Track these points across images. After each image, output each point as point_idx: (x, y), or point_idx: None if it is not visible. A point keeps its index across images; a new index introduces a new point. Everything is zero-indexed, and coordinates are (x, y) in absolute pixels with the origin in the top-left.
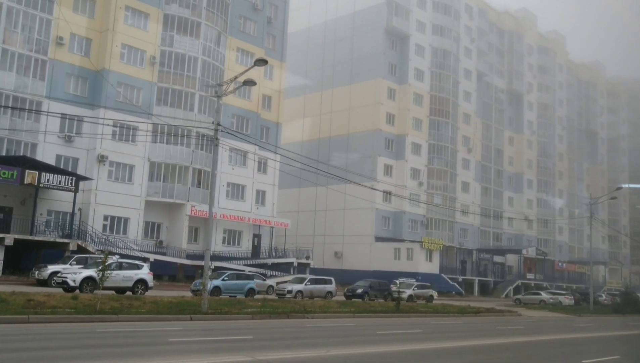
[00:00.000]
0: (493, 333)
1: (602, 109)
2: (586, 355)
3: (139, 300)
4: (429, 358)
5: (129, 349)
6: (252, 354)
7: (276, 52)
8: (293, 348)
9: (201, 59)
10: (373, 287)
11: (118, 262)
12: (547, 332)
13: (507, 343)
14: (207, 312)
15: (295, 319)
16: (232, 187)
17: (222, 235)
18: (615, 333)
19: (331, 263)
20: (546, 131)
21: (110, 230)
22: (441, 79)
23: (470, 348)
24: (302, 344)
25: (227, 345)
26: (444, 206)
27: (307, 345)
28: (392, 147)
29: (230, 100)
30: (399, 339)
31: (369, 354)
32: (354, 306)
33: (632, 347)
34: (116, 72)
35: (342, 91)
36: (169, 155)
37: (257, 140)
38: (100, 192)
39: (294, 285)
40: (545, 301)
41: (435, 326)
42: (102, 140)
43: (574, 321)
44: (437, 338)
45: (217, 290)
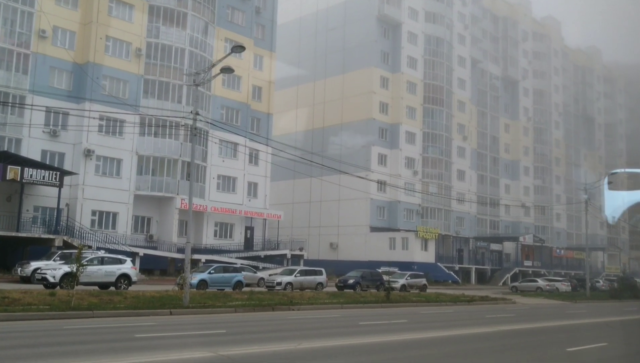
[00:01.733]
0: (481, 322)
1: (598, 94)
2: (573, 343)
3: (120, 295)
4: (402, 350)
5: (87, 347)
6: (216, 349)
7: (265, 42)
8: (263, 342)
9: (188, 50)
10: (365, 277)
11: (99, 257)
12: (538, 319)
13: (492, 332)
14: (188, 306)
15: (281, 311)
16: (223, 179)
17: (213, 228)
18: (608, 319)
19: (327, 254)
20: (542, 117)
21: (99, 225)
22: (435, 67)
23: (452, 338)
24: (275, 337)
25: (195, 340)
26: (440, 194)
27: (280, 339)
28: (386, 136)
29: (219, 91)
30: (380, 330)
31: (340, 347)
32: (343, 297)
33: (622, 333)
34: (101, 65)
35: (335, 81)
36: (157, 148)
37: (248, 131)
38: (87, 187)
39: (283, 277)
40: (541, 289)
41: (423, 316)
42: (88, 134)
43: (568, 308)
44: (421, 328)
45: (203, 283)
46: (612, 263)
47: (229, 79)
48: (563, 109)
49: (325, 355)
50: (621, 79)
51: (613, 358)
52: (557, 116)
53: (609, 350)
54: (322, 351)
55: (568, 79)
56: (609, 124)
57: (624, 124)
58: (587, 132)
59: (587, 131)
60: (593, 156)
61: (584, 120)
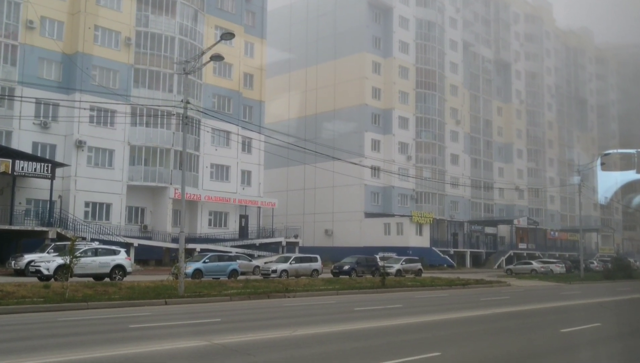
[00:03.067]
0: (476, 305)
1: (590, 76)
2: (567, 324)
3: (115, 286)
4: (397, 334)
5: (81, 338)
6: (210, 338)
7: (256, 29)
8: (258, 330)
9: (178, 38)
10: (360, 263)
11: (93, 248)
12: (532, 301)
13: (487, 314)
14: (184, 296)
15: (276, 299)
16: (216, 168)
17: (207, 217)
18: (602, 300)
19: (322, 241)
20: (535, 99)
21: (92, 216)
22: (426, 51)
23: (447, 322)
24: (270, 325)
25: (190, 329)
26: (434, 179)
27: (276, 326)
28: (379, 122)
29: (210, 79)
30: (375, 315)
31: (335, 332)
32: (338, 283)
33: (616, 313)
34: (90, 55)
35: (327, 67)
36: (149, 138)
37: (240, 119)
38: (80, 178)
39: (279, 265)
40: (536, 271)
41: (418, 300)
42: (79, 125)
43: (562, 289)
44: (416, 312)
45: (198, 272)
46: (605, 244)
47: (220, 67)
48: (555, 91)
49: (320, 341)
50: (613, 60)
51: (607, 339)
52: (550, 98)
53: (603, 330)
54: (317, 337)
55: (560, 60)
56: (602, 105)
57: (616, 105)
58: (579, 114)
59: (579, 112)
60: (586, 137)
61: (577, 102)
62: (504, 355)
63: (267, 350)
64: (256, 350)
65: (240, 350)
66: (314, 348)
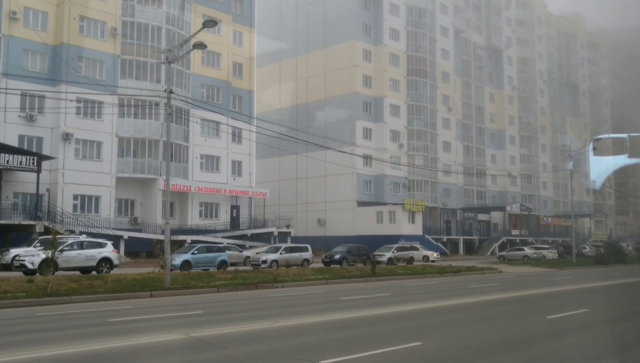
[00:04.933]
0: (465, 292)
1: (582, 61)
2: (554, 310)
3: (101, 279)
4: (380, 324)
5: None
6: (189, 331)
7: (244, 17)
8: (239, 322)
9: (165, 28)
10: (351, 252)
11: (79, 241)
12: (521, 287)
13: (475, 302)
14: (169, 288)
15: (264, 289)
16: (206, 159)
17: (198, 208)
18: (592, 285)
19: (315, 231)
20: (527, 85)
21: (81, 209)
22: (417, 38)
23: (433, 310)
24: (253, 316)
25: (170, 322)
26: (426, 167)
27: (258, 317)
28: (370, 110)
29: (198, 69)
30: (360, 305)
31: (317, 323)
32: (329, 273)
33: (605, 298)
34: (76, 45)
35: (317, 55)
36: (138, 129)
37: (229, 110)
38: (67, 171)
39: (269, 255)
40: (528, 257)
41: (407, 288)
42: (66, 117)
43: (553, 275)
44: (403, 301)
45: (187, 264)
46: (598, 229)
47: (208, 56)
48: (548, 76)
49: (300, 332)
50: (605, 45)
51: (592, 324)
52: (542, 84)
53: (590, 316)
54: (298, 328)
55: (552, 46)
56: (594, 90)
57: (608, 89)
58: (572, 99)
59: (572, 98)
60: (578, 123)
61: (569, 87)
62: (486, 343)
63: (244, 342)
64: (233, 343)
65: (216, 343)
66: (292, 340)
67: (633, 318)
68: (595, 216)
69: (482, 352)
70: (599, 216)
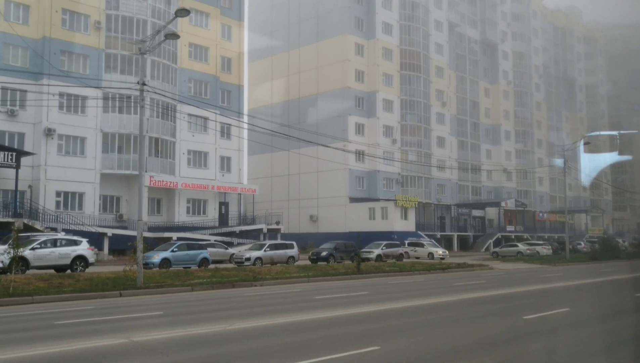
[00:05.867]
0: (446, 290)
1: (579, 55)
2: (533, 309)
3: (73, 278)
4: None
5: None
6: (133, 335)
7: (233, 11)
8: (195, 324)
9: (150, 21)
10: (339, 249)
11: (52, 239)
12: (507, 285)
13: (453, 301)
14: (141, 287)
15: (242, 288)
16: (194, 155)
17: (186, 204)
18: (581, 282)
19: (307, 227)
20: (522, 80)
21: (65, 206)
22: (411, 32)
23: (407, 310)
24: (213, 317)
25: (120, 324)
26: (419, 162)
27: (217, 319)
28: (363, 105)
29: (185, 64)
30: (333, 304)
31: (276, 325)
32: (312, 270)
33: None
34: (58, 39)
35: (309, 50)
36: (122, 125)
37: (218, 105)
38: (50, 167)
39: (252, 252)
40: (522, 253)
41: (388, 286)
42: (48, 112)
43: (544, 271)
44: (379, 300)
45: (166, 262)
46: (595, 224)
47: (195, 50)
48: (543, 71)
49: (253, 336)
50: (602, 40)
51: (569, 325)
52: (538, 79)
53: (569, 315)
54: (253, 331)
55: (548, 40)
56: (590, 85)
57: (605, 85)
58: (568, 94)
59: (568, 92)
60: (575, 118)
61: (565, 82)
62: (449, 347)
63: (188, 347)
64: (175, 348)
65: (156, 348)
66: (240, 345)
67: (614, 318)
68: (592, 212)
69: (442, 356)
70: (596, 212)
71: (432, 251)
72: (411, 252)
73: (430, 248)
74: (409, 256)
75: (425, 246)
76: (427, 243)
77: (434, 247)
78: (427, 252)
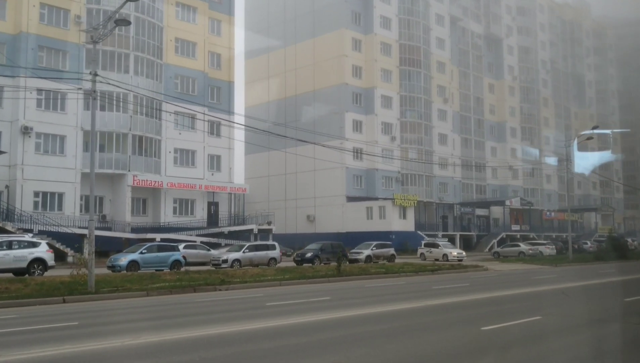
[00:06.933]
0: (421, 295)
1: (588, 50)
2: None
3: (24, 282)
4: (285, 337)
5: None
6: (9, 352)
7: (223, 5)
8: (95, 338)
9: (134, 16)
10: (325, 250)
11: (7, 241)
12: (491, 289)
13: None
14: (92, 292)
15: (205, 292)
16: (180, 153)
17: (172, 204)
18: (572, 285)
19: (304, 228)
20: (529, 75)
21: (43, 207)
22: (410, 26)
23: (359, 318)
24: (126, 329)
25: (15, 338)
26: (420, 160)
27: (128, 331)
28: (361, 101)
29: (172, 59)
30: (283, 312)
31: (191, 338)
32: (290, 273)
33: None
34: (36, 35)
35: (306, 46)
36: (104, 122)
37: (207, 101)
38: (27, 167)
39: (230, 254)
40: (524, 253)
41: (360, 290)
42: (25, 110)
43: (541, 273)
44: (337, 306)
45: (134, 264)
46: (606, 223)
47: (182, 46)
48: (551, 66)
49: (150, 353)
50: (612, 34)
51: (530, 338)
52: (545, 74)
53: (536, 326)
54: (154, 347)
55: (555, 35)
56: (600, 80)
57: (615, 80)
58: (577, 90)
59: (577, 88)
60: (584, 114)
61: (574, 77)
62: None
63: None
64: None
65: None
66: None
67: (586, 328)
68: (602, 211)
69: None
70: (606, 211)
71: (447, 252)
72: (427, 253)
73: (445, 249)
74: (425, 257)
75: (440, 247)
76: (442, 244)
77: (449, 248)
78: (442, 253)
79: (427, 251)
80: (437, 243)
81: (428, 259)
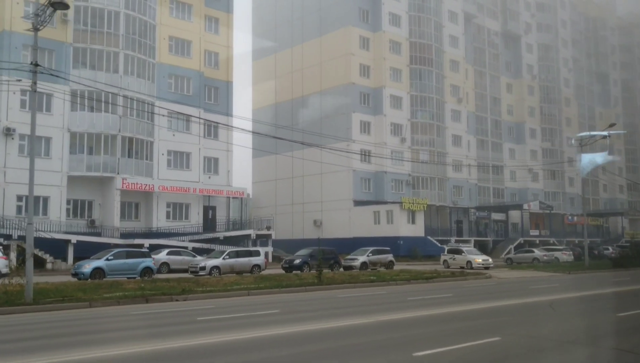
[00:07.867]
0: (383, 308)
1: (613, 48)
2: (447, 340)
3: None
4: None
5: None
6: None
7: (220, 3)
8: None
9: (124, 13)
10: (314, 256)
11: None
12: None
13: (369, 323)
14: (29, 303)
15: (158, 303)
16: (174, 155)
17: (165, 209)
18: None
19: (311, 233)
20: (549, 74)
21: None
22: (421, 24)
23: (283, 338)
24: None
25: None
26: (432, 162)
27: (18, 352)
28: (369, 101)
29: (165, 58)
30: (214, 327)
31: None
32: (268, 281)
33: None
34: (20, 33)
35: (312, 45)
36: (92, 124)
37: (203, 102)
38: (10, 170)
39: (209, 261)
40: (538, 259)
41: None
42: (8, 111)
43: (547, 281)
44: (277, 322)
45: (99, 271)
46: (633, 228)
47: (176, 44)
48: (573, 64)
49: None
50: (638, 31)
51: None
52: (567, 73)
53: (486, 349)
54: None
55: (578, 32)
56: (626, 79)
57: None
58: (602, 89)
59: (601, 87)
60: (609, 114)
61: (598, 76)
62: None
63: None
64: None
65: None
66: None
67: (548, 353)
68: (629, 215)
69: None
70: (634, 215)
71: (471, 259)
72: (450, 260)
73: (469, 255)
74: (448, 265)
75: (464, 253)
76: (466, 250)
77: (473, 254)
78: (466, 260)
79: (451, 257)
80: (461, 249)
81: (452, 266)
